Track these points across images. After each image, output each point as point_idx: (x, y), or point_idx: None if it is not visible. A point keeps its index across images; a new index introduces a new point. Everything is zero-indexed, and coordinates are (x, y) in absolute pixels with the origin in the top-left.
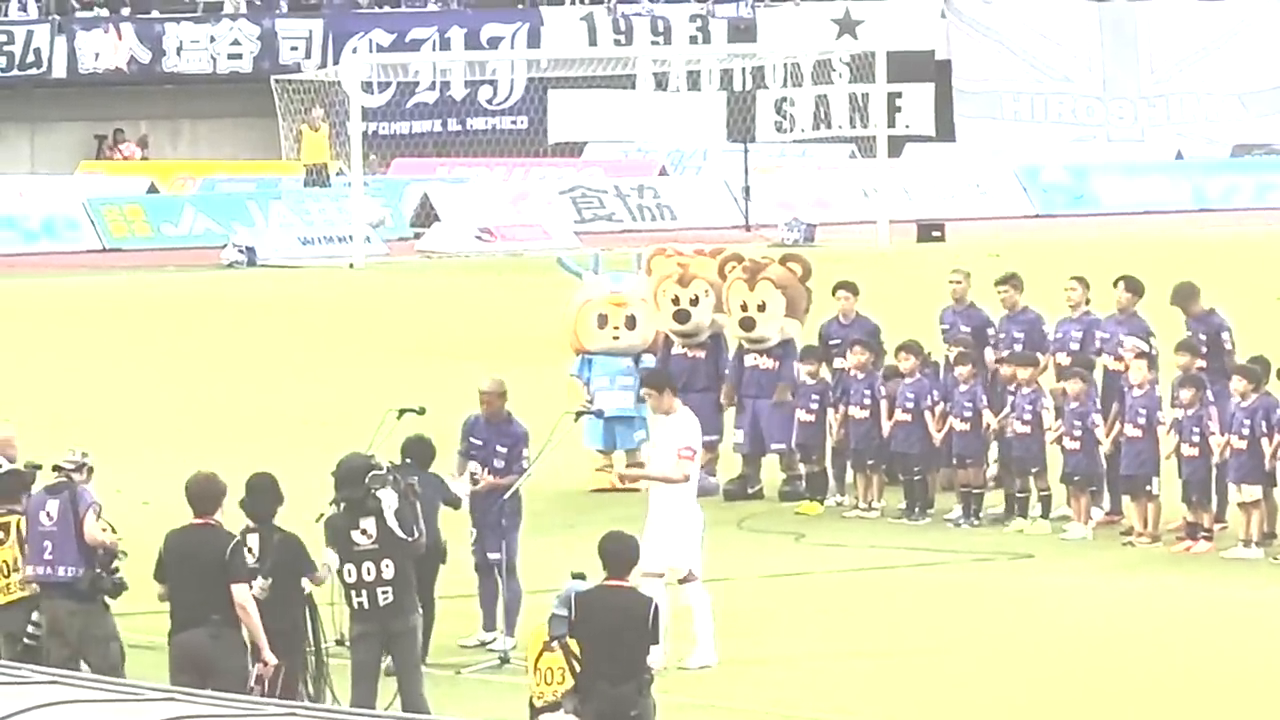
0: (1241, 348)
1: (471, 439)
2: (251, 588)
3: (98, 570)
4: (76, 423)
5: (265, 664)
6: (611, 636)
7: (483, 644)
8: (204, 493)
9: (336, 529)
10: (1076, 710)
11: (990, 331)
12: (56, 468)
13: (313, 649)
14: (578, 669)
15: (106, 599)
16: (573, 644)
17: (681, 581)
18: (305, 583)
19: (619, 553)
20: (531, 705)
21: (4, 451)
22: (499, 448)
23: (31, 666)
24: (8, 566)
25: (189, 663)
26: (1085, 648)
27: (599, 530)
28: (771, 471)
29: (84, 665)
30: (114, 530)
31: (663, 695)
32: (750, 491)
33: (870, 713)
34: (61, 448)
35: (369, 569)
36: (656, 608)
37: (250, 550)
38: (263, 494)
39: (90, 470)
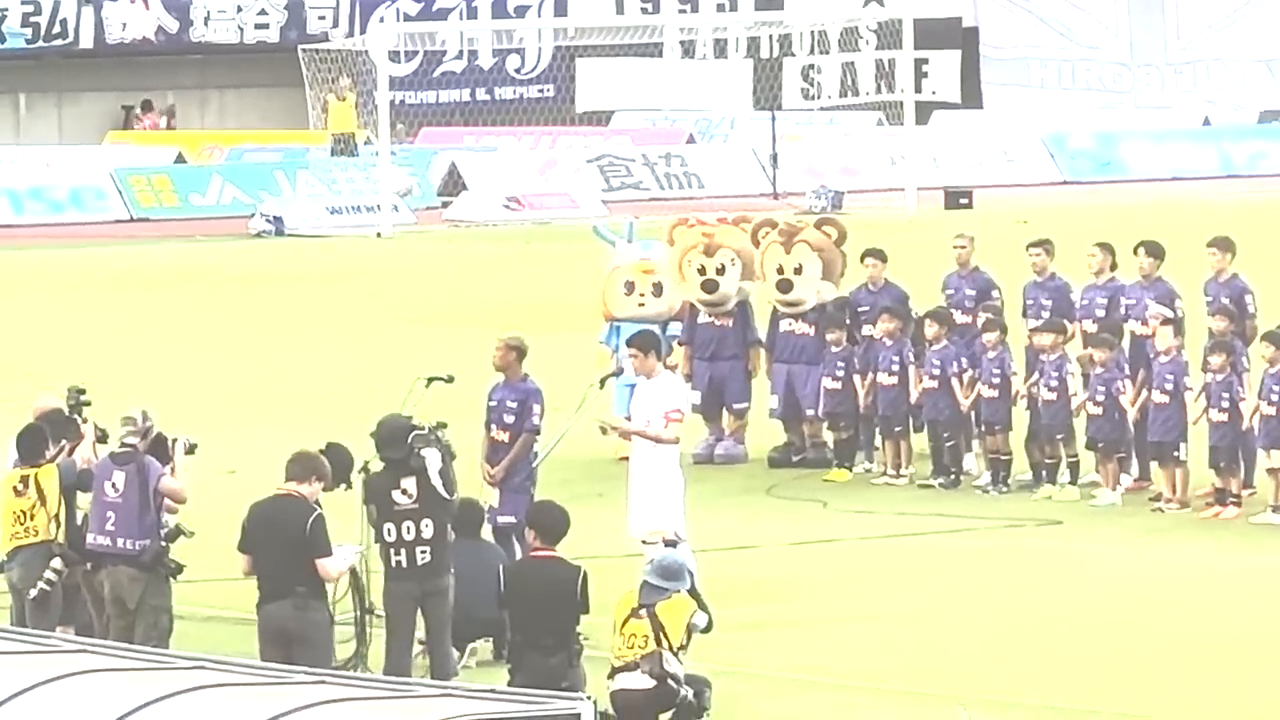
0: (1268, 313)
1: (489, 402)
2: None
3: (162, 543)
4: (103, 393)
5: None
6: (541, 607)
7: None
8: (301, 459)
9: (376, 488)
10: (1105, 675)
11: (995, 294)
12: (123, 442)
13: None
14: (661, 638)
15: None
16: (659, 613)
17: (667, 545)
18: (351, 553)
19: (548, 524)
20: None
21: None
22: (509, 403)
23: (61, 635)
24: (25, 515)
25: (275, 634)
26: (1114, 613)
27: (627, 497)
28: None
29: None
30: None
31: (690, 660)
32: (795, 460)
33: (898, 679)
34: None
35: (409, 528)
36: (585, 576)
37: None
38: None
39: (153, 433)
